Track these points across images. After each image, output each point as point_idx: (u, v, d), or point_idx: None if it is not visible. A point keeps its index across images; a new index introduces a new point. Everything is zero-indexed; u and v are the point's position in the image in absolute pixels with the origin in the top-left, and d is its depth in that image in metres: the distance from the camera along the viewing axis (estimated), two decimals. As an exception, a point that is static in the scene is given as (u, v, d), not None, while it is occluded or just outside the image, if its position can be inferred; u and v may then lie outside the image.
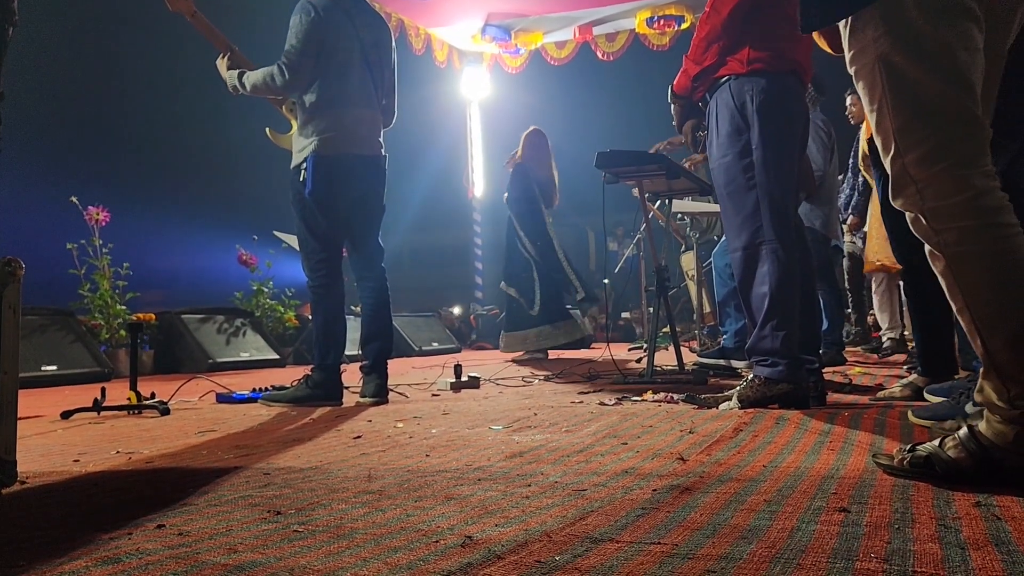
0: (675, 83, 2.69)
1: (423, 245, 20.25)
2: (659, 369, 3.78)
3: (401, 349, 7.59)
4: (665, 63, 8.01)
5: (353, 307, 5.93)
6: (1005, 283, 1.30)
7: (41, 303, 5.02)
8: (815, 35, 3.37)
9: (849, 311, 6.20)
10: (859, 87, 1.44)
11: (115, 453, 2.02)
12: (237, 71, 3.14)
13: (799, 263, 2.53)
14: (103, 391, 2.98)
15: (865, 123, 3.02)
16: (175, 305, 6.09)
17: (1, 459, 1.54)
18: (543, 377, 4.13)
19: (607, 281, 6.12)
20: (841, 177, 5.80)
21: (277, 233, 6.82)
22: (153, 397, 3.05)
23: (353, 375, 3.38)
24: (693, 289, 6.42)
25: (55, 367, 4.74)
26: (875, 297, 5.30)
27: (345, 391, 3.22)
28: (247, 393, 3.38)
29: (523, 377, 4.17)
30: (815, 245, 4.50)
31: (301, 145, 3.09)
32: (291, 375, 4.84)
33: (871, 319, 6.95)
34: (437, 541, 1.08)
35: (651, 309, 4.48)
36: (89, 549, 1.09)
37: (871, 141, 2.93)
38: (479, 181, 10.47)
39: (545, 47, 9.19)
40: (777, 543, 1.02)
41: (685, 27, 8.29)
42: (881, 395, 2.79)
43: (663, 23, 8.29)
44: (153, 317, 5.80)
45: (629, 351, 6.83)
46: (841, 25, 1.46)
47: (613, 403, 2.80)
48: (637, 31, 8.60)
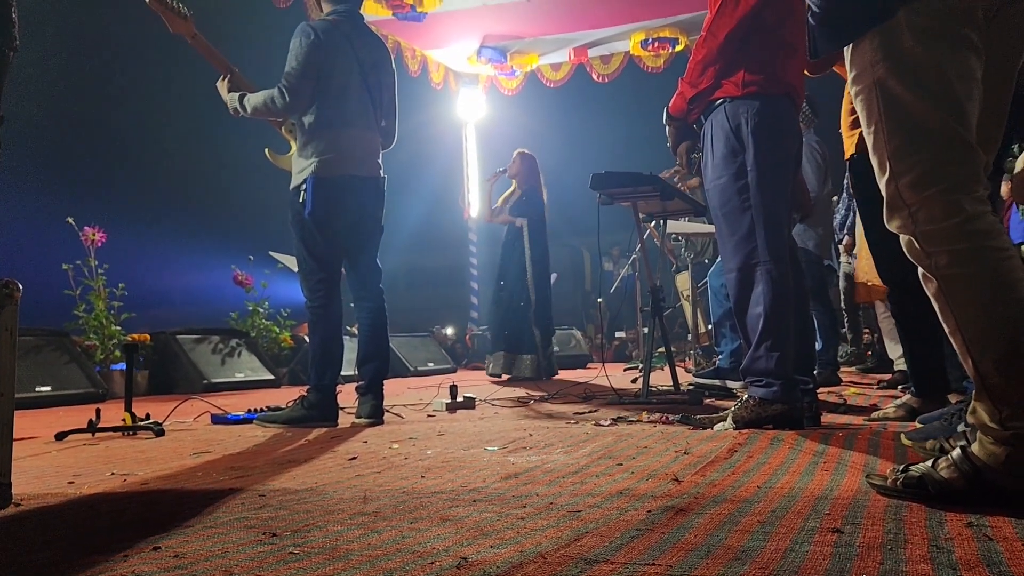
0: (671, 105, 2.72)
1: (419, 265, 20.29)
2: (654, 389, 3.79)
3: (396, 369, 7.58)
4: (659, 85, 8.10)
5: (349, 327, 5.93)
6: (996, 305, 1.32)
7: (36, 324, 5.01)
8: (838, 68, 3.41)
9: (844, 331, 6.21)
10: (858, 109, 1.47)
11: (110, 475, 2.01)
12: (238, 94, 3.16)
13: (793, 284, 2.55)
14: (98, 412, 2.98)
15: (845, 148, 3.05)
16: (170, 325, 6.09)
17: (-4, 481, 1.54)
18: (538, 397, 4.13)
19: (600, 300, 6.16)
20: (836, 198, 5.84)
21: (273, 253, 6.82)
22: (148, 418, 3.04)
23: (349, 395, 3.38)
24: (688, 309, 6.43)
25: (49, 388, 4.72)
26: (881, 325, 5.24)
27: (341, 412, 3.22)
28: (242, 414, 3.37)
29: (518, 398, 4.17)
30: (809, 266, 4.53)
31: (300, 166, 3.12)
32: (286, 396, 4.82)
33: (866, 338, 6.97)
34: (432, 563, 1.09)
35: (646, 329, 4.49)
36: (85, 572, 1.09)
37: (853, 165, 2.97)
38: (475, 202, 10.51)
39: (540, 69, 9.26)
40: (771, 564, 1.03)
41: (679, 49, 8.38)
42: (875, 416, 2.80)
43: (657, 45, 8.37)
44: (148, 338, 5.79)
45: (624, 371, 6.83)
46: (845, 50, 1.49)
47: (608, 424, 2.81)
48: (632, 53, 8.68)
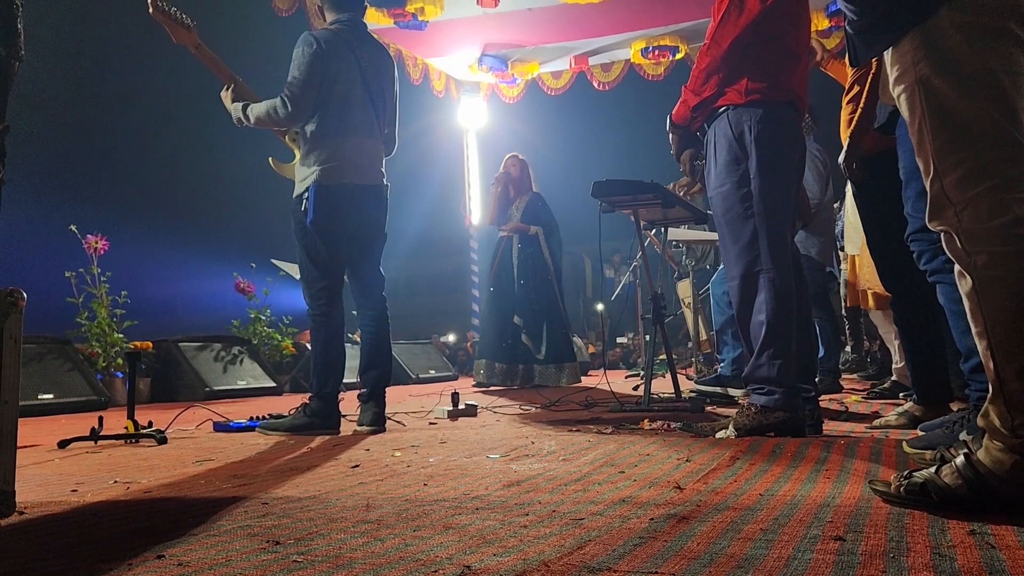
0: (674, 113, 2.73)
1: (420, 273, 20.31)
2: (656, 397, 3.79)
3: (398, 377, 7.58)
4: (660, 93, 8.10)
5: (351, 335, 5.93)
6: None
7: (39, 331, 5.01)
8: (829, 69, 3.40)
9: (845, 338, 6.21)
10: (902, 110, 1.45)
11: (113, 483, 2.02)
12: (241, 103, 3.17)
13: (796, 291, 2.55)
14: (100, 420, 2.98)
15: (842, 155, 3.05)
16: (172, 333, 6.09)
17: (0, 489, 1.54)
18: (540, 405, 4.13)
19: (601, 307, 6.16)
20: (837, 205, 5.84)
21: (275, 261, 6.83)
22: (150, 426, 3.04)
23: (351, 403, 3.38)
24: (689, 316, 6.43)
25: (52, 396, 4.73)
26: (890, 330, 5.21)
27: (343, 419, 3.22)
28: (244, 422, 3.37)
29: (520, 405, 4.17)
30: (811, 273, 4.53)
31: (303, 175, 3.13)
32: (288, 403, 4.83)
33: (866, 345, 6.95)
34: (435, 571, 1.09)
35: (647, 337, 4.49)
36: (89, 580, 1.10)
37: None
38: (476, 209, 10.53)
39: (541, 77, 9.29)
40: (773, 572, 1.03)
41: (679, 57, 8.40)
42: (877, 423, 2.80)
43: (658, 53, 8.38)
44: (150, 345, 5.80)
45: (626, 379, 6.83)
46: (886, 56, 1.47)
47: (610, 431, 2.81)
48: (632, 61, 8.71)
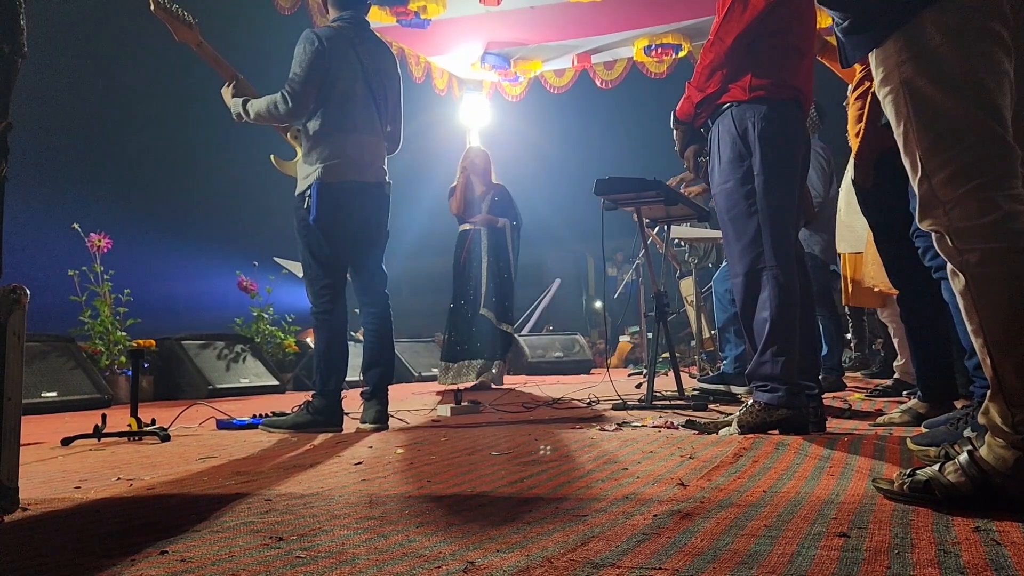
0: (678, 109, 2.72)
1: (422, 271, 20.32)
2: (659, 395, 3.79)
3: (401, 375, 7.58)
4: (663, 91, 8.09)
5: (353, 333, 5.93)
6: (1023, 309, 1.31)
7: (42, 330, 5.02)
8: (826, 60, 3.41)
9: (849, 336, 6.20)
10: (887, 111, 1.46)
11: (116, 480, 2.02)
12: (241, 99, 3.17)
13: (800, 289, 2.54)
14: (104, 418, 2.98)
15: (851, 162, 3.04)
16: (175, 331, 6.10)
17: (3, 486, 1.54)
18: (543, 403, 4.13)
19: (599, 304, 6.14)
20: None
21: (277, 259, 6.84)
22: (153, 423, 3.04)
23: (354, 401, 3.38)
24: (692, 315, 6.43)
25: (55, 394, 4.74)
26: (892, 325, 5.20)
27: (345, 417, 3.22)
28: (247, 419, 3.37)
29: (523, 403, 4.17)
30: (814, 271, 4.52)
31: (305, 172, 3.13)
32: (291, 401, 4.83)
33: (871, 340, 6.93)
34: (439, 567, 1.09)
35: (650, 335, 4.49)
36: None
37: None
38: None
39: (544, 75, 9.27)
40: (777, 568, 1.03)
41: (682, 55, 8.38)
42: (881, 420, 2.80)
43: (661, 51, 8.36)
44: (153, 343, 5.80)
45: (629, 376, 6.83)
46: (871, 58, 1.48)
47: (613, 429, 2.81)
48: (635, 59, 8.69)
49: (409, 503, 1.55)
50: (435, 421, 3.43)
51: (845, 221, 4.13)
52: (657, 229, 5.83)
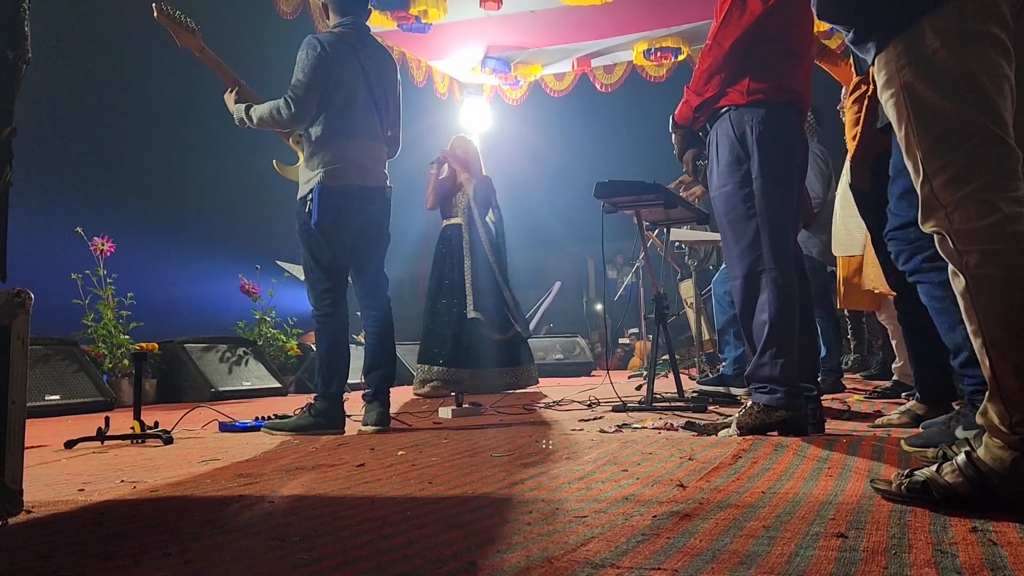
0: (676, 113, 2.74)
1: (424, 274, 20.29)
2: (659, 396, 3.80)
3: (403, 377, 7.58)
4: (662, 94, 8.10)
5: (355, 335, 5.93)
6: (1022, 310, 1.32)
7: (45, 333, 5.03)
8: (824, 64, 3.42)
9: (848, 338, 6.20)
10: (889, 115, 1.47)
11: (120, 482, 2.03)
12: (244, 104, 3.19)
13: (799, 291, 2.56)
14: (107, 420, 2.99)
15: (847, 165, 3.06)
16: (178, 334, 6.10)
17: (8, 488, 1.55)
18: (543, 405, 4.14)
19: (599, 307, 6.12)
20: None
21: (280, 263, 6.85)
22: (156, 426, 3.06)
23: (355, 403, 3.39)
24: (692, 317, 6.44)
25: (58, 397, 4.75)
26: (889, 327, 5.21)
27: (347, 419, 3.23)
28: (250, 422, 3.39)
29: (524, 405, 4.18)
30: (813, 273, 4.52)
31: (307, 177, 3.15)
32: (293, 404, 4.84)
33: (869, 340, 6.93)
34: (440, 568, 1.10)
35: (650, 337, 4.50)
36: (98, 576, 1.11)
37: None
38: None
39: (544, 79, 9.29)
40: (776, 569, 1.04)
41: (682, 59, 8.40)
42: (879, 422, 2.81)
43: (660, 55, 8.39)
44: (156, 346, 5.81)
45: (629, 378, 6.83)
46: (874, 63, 1.49)
47: (613, 430, 2.82)
48: (635, 63, 8.71)
49: (411, 504, 1.57)
50: (436, 423, 3.44)
51: (840, 224, 4.15)
52: (657, 231, 5.84)
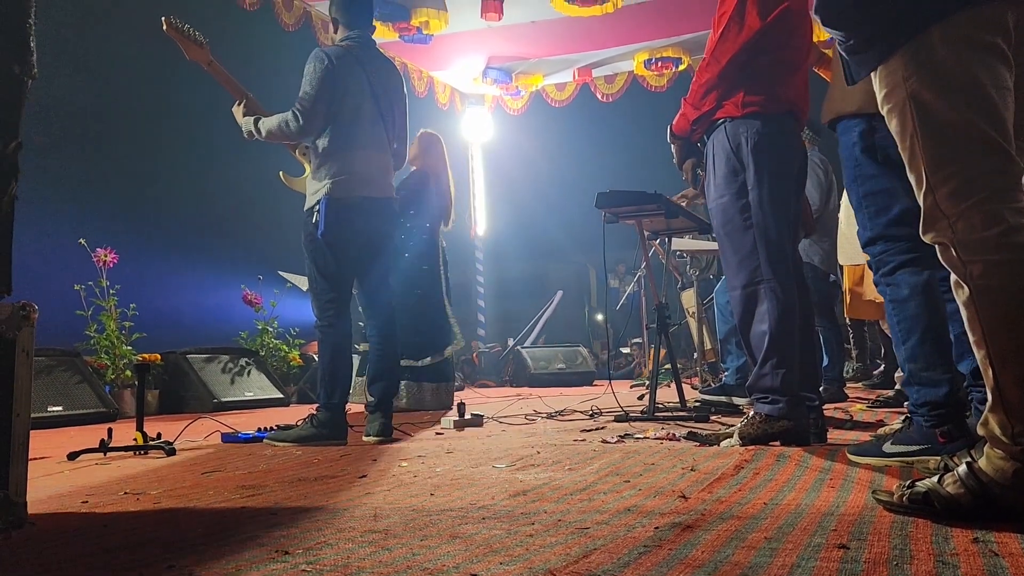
0: (674, 124, 2.76)
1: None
2: (661, 406, 3.80)
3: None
4: (663, 103, 8.12)
5: (357, 346, 5.94)
6: None
7: (48, 344, 5.03)
8: (822, 72, 3.45)
9: (849, 347, 6.20)
10: (891, 126, 1.47)
11: (123, 494, 2.04)
12: (253, 117, 3.22)
13: (798, 300, 2.56)
14: (110, 432, 3.00)
15: None
16: (180, 345, 6.10)
17: (12, 501, 1.56)
18: (545, 415, 4.14)
19: (600, 317, 6.09)
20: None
21: (282, 273, 6.86)
22: (159, 438, 3.06)
23: (357, 414, 3.39)
24: (694, 326, 6.44)
25: (61, 408, 4.75)
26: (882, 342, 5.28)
27: (349, 430, 3.24)
28: (252, 433, 3.39)
29: (526, 415, 4.18)
30: (814, 281, 4.54)
31: (314, 188, 3.17)
32: (295, 414, 4.84)
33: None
34: (443, 579, 1.10)
35: (652, 346, 4.50)
36: (102, 589, 1.11)
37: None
38: (481, 220, 10.58)
39: (545, 89, 9.34)
40: (776, 579, 1.04)
41: (682, 69, 8.44)
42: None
43: (660, 65, 8.43)
44: (158, 357, 5.82)
45: (631, 388, 6.83)
46: (874, 75, 1.49)
47: (615, 441, 2.82)
48: (635, 73, 8.75)
49: (413, 516, 1.57)
50: (438, 433, 3.44)
51: (846, 233, 4.16)
52: (659, 239, 5.85)
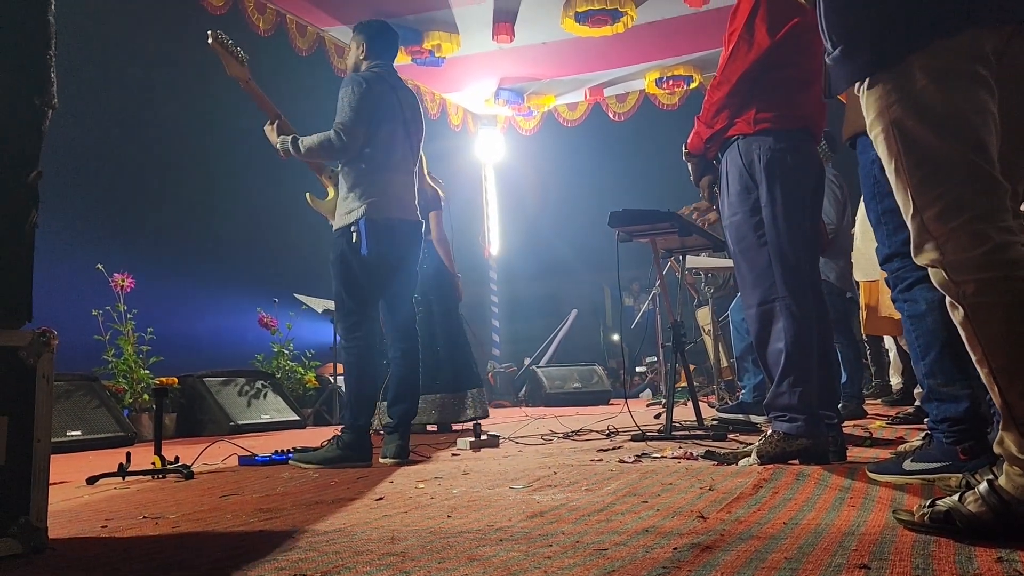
0: (688, 142, 2.77)
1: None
2: (678, 425, 3.78)
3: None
4: (675, 122, 8.16)
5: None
6: (1023, 335, 1.32)
7: (67, 368, 5.08)
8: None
9: (867, 363, 6.14)
10: (878, 150, 1.50)
11: (142, 518, 2.05)
12: (290, 136, 3.28)
13: (816, 317, 2.55)
14: (128, 456, 3.02)
15: None
16: (197, 368, 6.14)
17: (33, 526, 1.57)
18: (562, 435, 4.12)
19: (616, 337, 6.05)
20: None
21: (298, 295, 6.90)
22: (177, 461, 3.07)
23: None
24: (710, 344, 6.41)
25: (80, 432, 4.78)
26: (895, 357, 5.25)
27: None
28: (269, 455, 3.40)
29: (542, 435, 4.16)
30: (830, 298, 4.50)
31: (348, 208, 3.21)
32: (311, 436, 4.85)
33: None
34: (461, 602, 1.10)
35: (668, 365, 4.48)
36: (123, 614, 1.12)
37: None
38: (495, 240, 10.62)
39: (557, 109, 9.39)
40: (797, 600, 1.03)
41: (694, 87, 8.47)
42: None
43: (672, 83, 8.47)
44: (176, 381, 5.85)
45: (648, 407, 6.79)
46: (861, 98, 1.52)
47: (632, 460, 2.80)
48: (647, 91, 8.79)
49: (430, 538, 1.57)
50: (455, 455, 3.43)
51: (861, 249, 4.14)
52: (674, 256, 5.84)
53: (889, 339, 5.30)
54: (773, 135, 2.54)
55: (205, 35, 3.25)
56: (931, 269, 1.43)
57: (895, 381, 5.32)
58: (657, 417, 4.85)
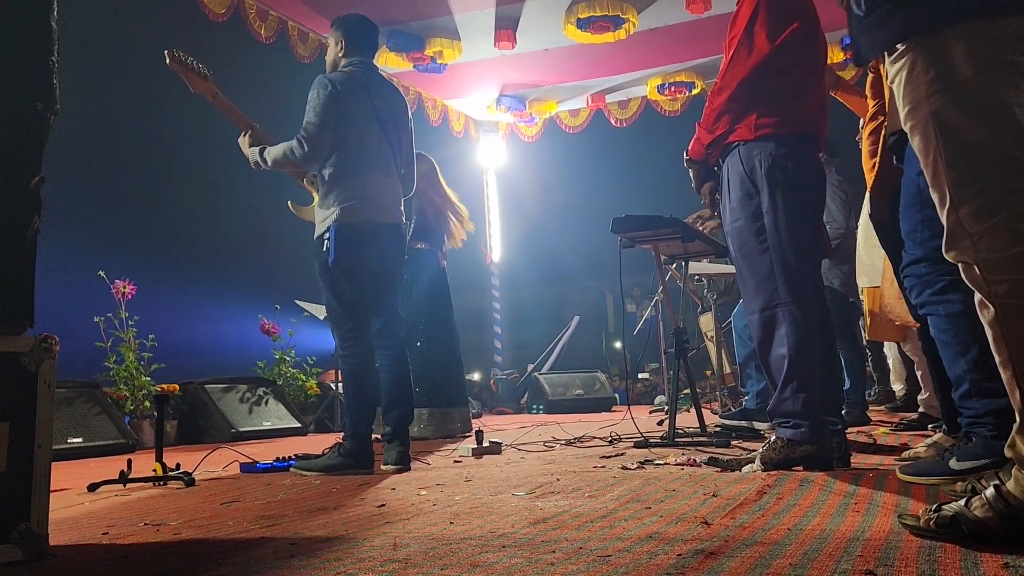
0: (690, 148, 2.77)
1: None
2: (681, 432, 3.76)
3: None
4: (677, 128, 8.16)
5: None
6: None
7: (68, 375, 5.07)
8: (839, 96, 3.43)
9: (871, 370, 6.13)
10: (914, 143, 1.45)
11: (143, 525, 2.04)
12: (258, 147, 3.25)
13: (819, 323, 2.54)
14: (129, 463, 3.01)
15: (867, 196, 3.06)
16: (198, 375, 6.13)
17: (34, 533, 1.57)
18: (564, 442, 4.11)
19: (619, 345, 6.04)
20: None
21: (299, 302, 6.89)
22: (178, 468, 3.06)
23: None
24: (712, 350, 6.40)
25: (81, 439, 4.77)
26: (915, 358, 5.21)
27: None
28: (271, 462, 3.39)
29: (544, 442, 4.15)
30: (834, 304, 4.50)
31: (323, 216, 3.18)
32: (313, 443, 4.84)
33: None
34: (464, 609, 1.09)
35: (671, 371, 4.47)
36: (123, 621, 1.11)
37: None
38: (497, 247, 10.62)
39: (559, 115, 9.41)
40: (803, 607, 1.02)
41: (696, 93, 8.48)
42: (906, 455, 2.77)
43: (674, 90, 8.48)
44: (177, 388, 5.85)
45: (650, 414, 6.78)
46: (894, 85, 1.48)
47: (635, 467, 2.79)
48: (649, 98, 8.81)
49: (433, 545, 1.56)
50: (457, 462, 3.42)
51: (863, 255, 4.13)
52: (676, 264, 5.83)
53: (888, 346, 5.30)
54: (774, 140, 2.54)
55: (163, 55, 3.19)
56: (962, 265, 1.39)
57: (898, 388, 5.32)
58: (660, 424, 4.84)
